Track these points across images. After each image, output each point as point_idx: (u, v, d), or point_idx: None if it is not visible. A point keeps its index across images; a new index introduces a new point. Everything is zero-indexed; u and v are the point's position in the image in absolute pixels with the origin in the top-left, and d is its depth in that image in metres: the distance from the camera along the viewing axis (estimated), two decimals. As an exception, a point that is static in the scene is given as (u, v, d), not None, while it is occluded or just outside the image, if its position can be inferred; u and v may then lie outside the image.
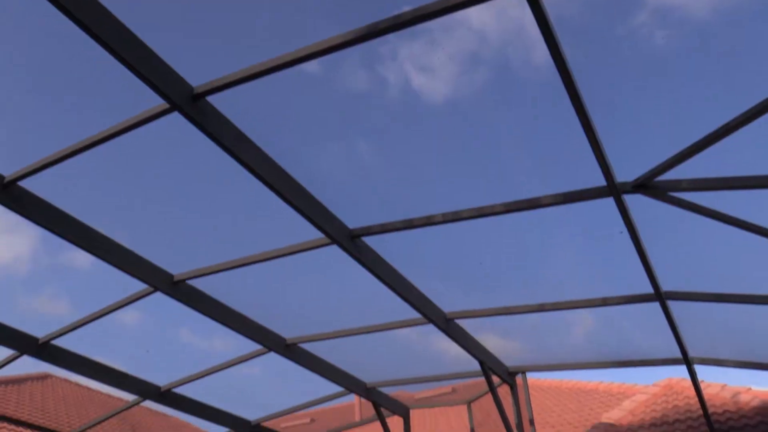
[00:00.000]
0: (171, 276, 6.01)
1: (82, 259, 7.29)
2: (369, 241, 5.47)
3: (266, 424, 10.46)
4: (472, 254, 6.18)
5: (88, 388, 16.35)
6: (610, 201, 4.67)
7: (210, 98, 4.00)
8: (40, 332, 7.12)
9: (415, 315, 6.51)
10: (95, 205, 5.36)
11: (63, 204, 5.02)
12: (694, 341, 6.88)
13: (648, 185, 4.49)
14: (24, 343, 7.08)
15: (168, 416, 18.05)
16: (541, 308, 6.52)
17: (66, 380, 16.07)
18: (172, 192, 5.48)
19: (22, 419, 11.32)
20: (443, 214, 5.05)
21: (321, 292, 6.93)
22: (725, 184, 4.31)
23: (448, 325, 6.80)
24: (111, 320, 7.19)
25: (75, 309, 7.54)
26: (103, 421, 10.47)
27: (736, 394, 8.14)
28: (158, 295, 6.10)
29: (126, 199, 5.54)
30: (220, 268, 5.82)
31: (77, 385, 16.10)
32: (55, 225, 5.03)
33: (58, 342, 7.25)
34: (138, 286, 6.07)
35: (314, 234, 5.20)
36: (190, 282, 6.16)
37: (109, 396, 16.23)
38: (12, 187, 4.65)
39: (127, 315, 9.13)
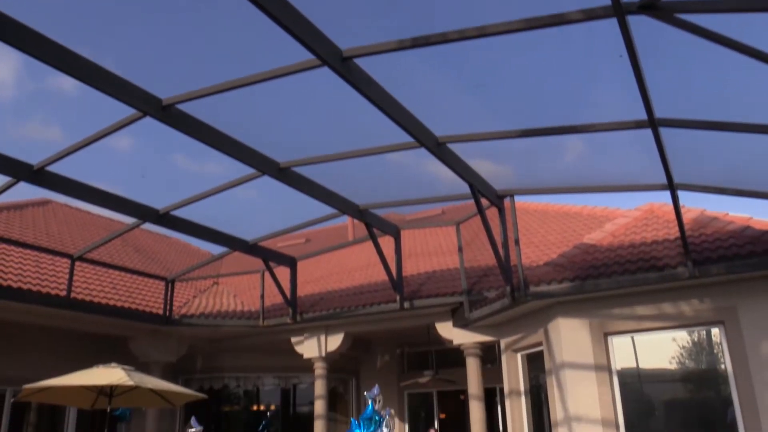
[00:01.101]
0: (160, 100, 5.91)
1: (68, 84, 7.11)
2: (362, 63, 5.32)
3: (263, 244, 10.94)
4: (469, 77, 6.06)
5: (89, 213, 16.78)
6: (613, 22, 4.50)
7: None
8: (34, 159, 7.15)
9: (407, 139, 6.53)
10: (77, 28, 5.12)
11: (42, 26, 4.79)
12: (681, 168, 7.02)
13: (655, 6, 4.30)
14: (19, 170, 7.14)
15: (169, 238, 18.77)
16: (534, 133, 6.54)
17: (66, 205, 16.44)
18: (158, 10, 5.19)
19: (28, 242, 11.73)
20: (439, 34, 4.86)
21: (314, 117, 6.89)
22: (736, 5, 4.13)
23: (439, 149, 6.86)
24: (105, 147, 7.20)
25: (67, 135, 7.51)
26: (107, 242, 10.91)
27: (714, 219, 8.49)
28: (151, 121, 6.04)
29: (110, 21, 5.27)
30: (209, 91, 5.71)
31: (77, 209, 16.50)
32: (36, 48, 4.84)
33: (54, 168, 7.31)
34: (129, 111, 6.01)
35: (307, 56, 5.04)
36: (180, 106, 6.08)
37: (111, 220, 16.71)
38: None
39: (120, 141, 9.10)
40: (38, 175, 7.25)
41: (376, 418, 8.08)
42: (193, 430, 10.51)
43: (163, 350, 12.36)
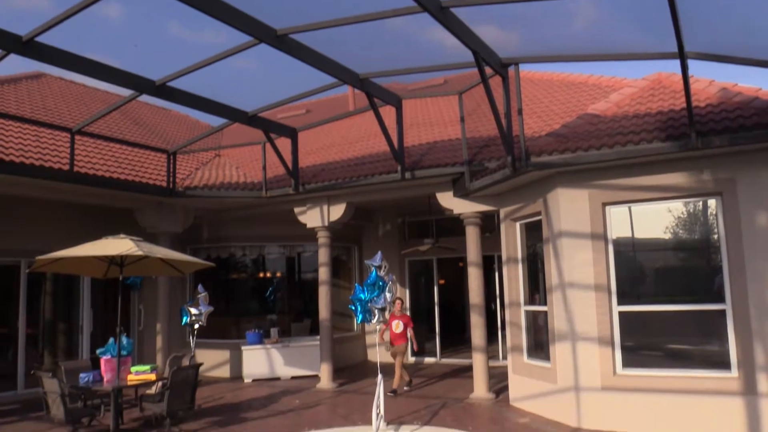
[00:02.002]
0: (148, -36, 5.61)
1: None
2: None
3: (263, 115, 10.82)
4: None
5: (85, 86, 16.45)
6: None
7: None
8: (23, 30, 6.90)
9: (409, 3, 6.24)
10: None
11: None
12: (693, 36, 6.76)
13: None
14: (8, 41, 6.91)
15: (168, 110, 18.54)
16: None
17: (60, 78, 16.08)
18: None
19: (26, 116, 11.60)
20: None
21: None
22: None
23: (443, 14, 6.58)
24: (95, 16, 6.91)
25: (55, 4, 7.19)
26: (105, 115, 10.79)
27: (722, 89, 8.31)
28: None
29: None
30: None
31: (72, 82, 16.16)
32: None
33: (44, 39, 7.07)
34: (115, -25, 5.72)
35: None
36: (170, -29, 5.76)
37: (108, 92, 16.43)
38: None
39: (110, 9, 8.72)
40: (28, 47, 7.02)
41: (380, 283, 8.43)
42: (201, 295, 11.01)
43: (169, 221, 12.62)
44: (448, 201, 10.90)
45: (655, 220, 8.20)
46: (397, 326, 11.35)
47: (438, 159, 10.69)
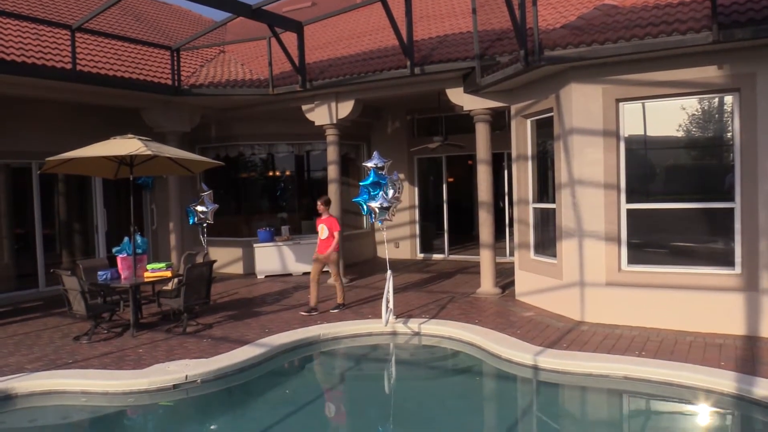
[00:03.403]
0: None
1: None
2: None
3: (267, 7, 10.42)
4: None
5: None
6: None
7: None
8: None
9: None
10: None
11: None
12: None
13: None
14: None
15: (169, 5, 17.94)
16: None
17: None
18: None
19: (24, 13, 11.27)
20: None
21: None
22: None
23: None
24: None
25: None
26: (105, 10, 10.43)
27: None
28: None
29: None
30: None
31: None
32: None
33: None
34: None
35: None
36: None
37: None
38: None
39: None
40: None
41: (382, 181, 8.44)
42: (205, 193, 11.12)
43: (177, 120, 12.52)
44: (458, 97, 10.68)
45: (668, 117, 8.02)
46: (321, 231, 9.71)
47: (448, 53, 10.38)
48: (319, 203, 9.85)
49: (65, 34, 10.50)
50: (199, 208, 11.04)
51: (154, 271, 9.17)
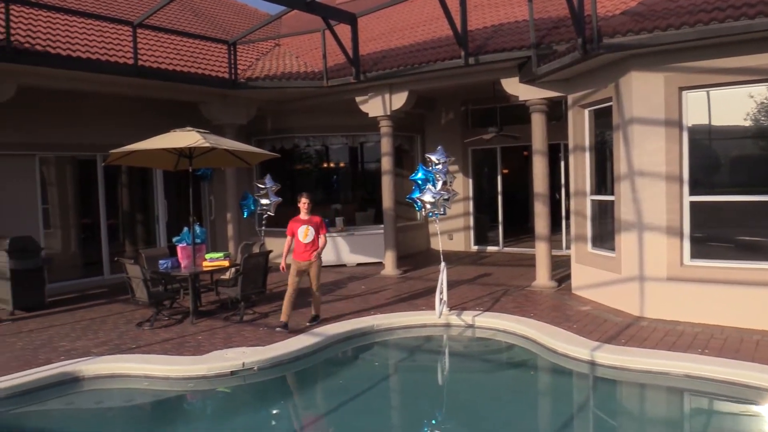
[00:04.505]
0: None
1: None
2: None
3: (322, 0, 10.48)
4: None
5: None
6: None
7: None
8: None
9: None
10: None
11: None
12: None
13: None
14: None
15: (226, 0, 18.23)
16: None
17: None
18: None
19: (88, 11, 11.66)
20: None
21: None
22: None
23: None
24: None
25: None
26: (164, 6, 10.70)
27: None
28: None
29: None
30: None
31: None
32: None
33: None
34: None
35: None
36: None
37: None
38: None
39: None
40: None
41: (429, 175, 8.40)
42: (270, 186, 11.28)
43: (234, 113, 12.76)
44: (514, 87, 10.51)
45: (734, 106, 7.68)
46: (306, 233, 8.13)
47: (503, 43, 10.22)
48: (307, 200, 8.21)
49: (127, 31, 10.84)
50: (263, 201, 11.25)
51: (213, 260, 9.39)
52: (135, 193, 13.19)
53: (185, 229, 9.78)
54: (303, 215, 8.22)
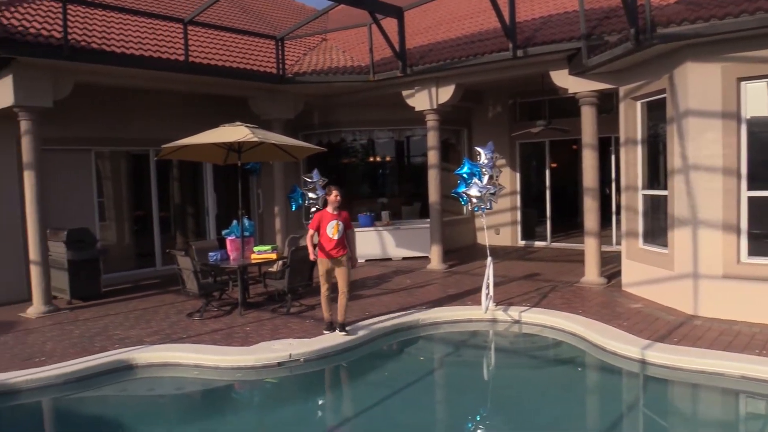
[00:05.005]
0: None
1: None
2: None
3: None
4: None
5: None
6: None
7: None
8: None
9: None
10: None
11: None
12: None
13: None
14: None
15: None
16: None
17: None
18: None
19: (141, 10, 11.94)
20: None
21: None
22: None
23: None
24: None
25: None
26: (214, 3, 10.89)
27: None
28: None
29: None
30: None
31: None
32: None
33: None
34: None
35: None
36: None
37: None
38: None
39: None
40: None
41: (475, 169, 8.33)
42: (317, 180, 11.37)
43: (281, 108, 12.90)
44: (563, 79, 10.31)
45: (798, 96, 7.36)
46: (335, 230, 7.49)
47: (552, 34, 10.02)
48: (338, 195, 7.61)
49: (178, 28, 11.06)
50: (311, 194, 11.37)
51: (260, 253, 9.54)
52: (186, 187, 13.50)
53: (234, 222, 9.96)
54: (332, 209, 7.58)
